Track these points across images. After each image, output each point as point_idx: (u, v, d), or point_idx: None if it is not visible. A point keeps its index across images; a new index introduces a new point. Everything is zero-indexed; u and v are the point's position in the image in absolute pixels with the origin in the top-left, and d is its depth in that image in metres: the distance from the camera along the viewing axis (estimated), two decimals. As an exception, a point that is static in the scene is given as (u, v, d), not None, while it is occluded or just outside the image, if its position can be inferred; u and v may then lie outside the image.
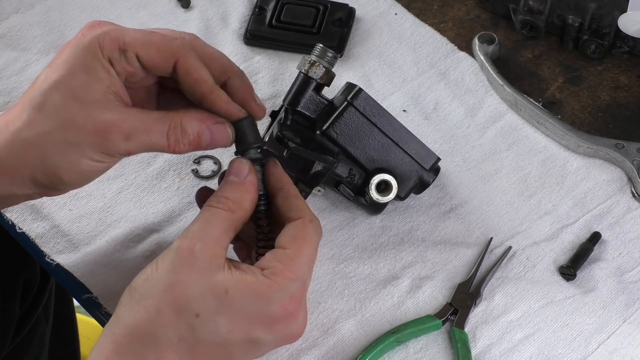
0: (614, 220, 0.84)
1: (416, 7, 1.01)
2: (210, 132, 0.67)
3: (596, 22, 0.94)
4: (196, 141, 0.66)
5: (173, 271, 0.63)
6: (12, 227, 0.83)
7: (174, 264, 0.63)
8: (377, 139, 0.78)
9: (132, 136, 0.64)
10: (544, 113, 0.90)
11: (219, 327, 0.63)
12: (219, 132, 0.67)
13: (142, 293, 0.63)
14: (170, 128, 0.65)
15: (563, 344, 0.76)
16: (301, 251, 0.66)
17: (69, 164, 0.64)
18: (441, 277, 0.80)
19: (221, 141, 0.67)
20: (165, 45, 0.66)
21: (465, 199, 0.86)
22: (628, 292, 0.79)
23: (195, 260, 0.63)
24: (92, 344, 0.64)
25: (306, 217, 0.67)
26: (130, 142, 0.64)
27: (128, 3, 1.01)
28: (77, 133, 0.63)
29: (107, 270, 0.80)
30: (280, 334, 0.66)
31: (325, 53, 0.77)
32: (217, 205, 0.65)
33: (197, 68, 0.66)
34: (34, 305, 1.07)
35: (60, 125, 0.63)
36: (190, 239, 0.63)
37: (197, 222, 0.65)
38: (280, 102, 0.80)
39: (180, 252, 0.63)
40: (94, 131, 0.63)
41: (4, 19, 1.00)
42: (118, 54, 0.65)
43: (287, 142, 0.75)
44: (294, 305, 0.66)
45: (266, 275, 0.64)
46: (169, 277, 0.63)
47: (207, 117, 0.67)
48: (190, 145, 0.66)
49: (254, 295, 0.63)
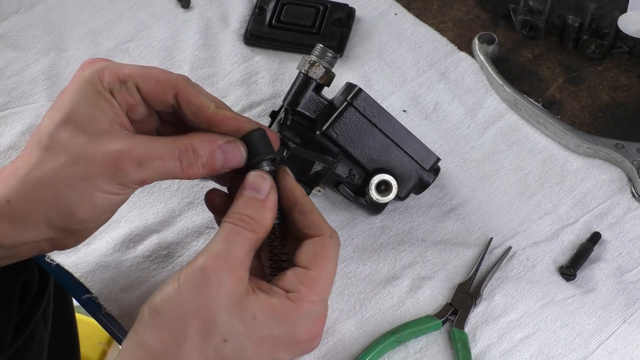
0: (614, 220, 0.84)
1: (416, 7, 1.01)
2: (223, 152, 0.66)
3: (596, 22, 0.94)
4: (210, 163, 0.65)
5: (200, 294, 0.61)
6: (12, 227, 0.83)
7: (200, 286, 0.61)
8: (377, 139, 0.78)
9: (144, 163, 0.63)
10: (544, 113, 0.90)
11: (245, 352, 0.62)
12: (231, 151, 0.66)
13: (167, 315, 0.61)
14: (181, 152, 0.65)
15: (563, 344, 0.76)
16: (323, 271, 0.66)
17: (82, 198, 0.63)
18: (441, 277, 0.80)
19: (234, 160, 0.66)
20: (164, 76, 0.66)
21: (465, 199, 0.86)
22: (628, 292, 0.79)
23: (222, 282, 0.61)
24: (92, 344, 0.64)
25: (326, 234, 0.67)
26: (142, 169, 0.63)
27: (128, 3, 1.01)
28: (88, 166, 0.62)
29: (107, 270, 0.80)
30: (302, 351, 0.66)
31: (325, 53, 0.77)
32: (241, 224, 0.64)
33: (197, 94, 0.66)
34: (32, 309, 1.06)
35: (70, 161, 0.62)
36: (215, 259, 0.62)
37: (220, 241, 0.63)
38: (280, 102, 0.80)
39: (207, 273, 0.61)
40: (104, 162, 0.63)
41: (4, 19, 1.00)
42: (118, 85, 0.65)
43: (287, 142, 0.75)
44: (318, 327, 0.66)
45: (292, 300, 0.64)
46: (195, 300, 0.61)
47: (217, 137, 0.66)
48: (204, 168, 0.65)
49: (282, 321, 0.63)
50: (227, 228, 0.64)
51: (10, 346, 1.02)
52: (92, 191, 0.63)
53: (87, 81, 0.65)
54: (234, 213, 0.65)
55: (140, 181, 0.64)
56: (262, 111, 0.92)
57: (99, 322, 0.80)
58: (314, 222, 0.67)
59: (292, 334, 0.64)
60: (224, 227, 0.64)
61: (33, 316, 1.07)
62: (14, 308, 1.01)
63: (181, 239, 0.83)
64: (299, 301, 0.64)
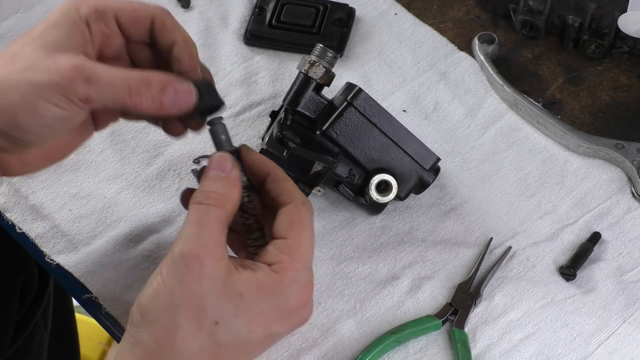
0: (614, 220, 0.84)
1: (416, 7, 1.01)
2: (174, 91, 0.65)
3: (596, 22, 0.94)
4: (159, 97, 0.65)
5: (184, 283, 0.61)
6: (12, 228, 0.83)
7: (182, 275, 0.61)
8: (377, 139, 0.78)
9: (92, 80, 0.63)
10: (544, 113, 0.90)
11: (239, 330, 0.63)
12: (183, 92, 0.66)
13: (156, 311, 0.61)
14: (133, 79, 0.64)
15: (563, 344, 0.76)
16: (302, 237, 0.66)
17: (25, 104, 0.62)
18: (441, 277, 0.80)
19: (184, 102, 0.66)
20: (142, 6, 0.68)
21: (465, 199, 0.86)
22: (628, 292, 0.79)
23: (203, 267, 0.61)
24: (92, 344, 0.64)
25: (298, 200, 0.67)
26: (89, 86, 0.62)
27: (128, 3, 1.01)
28: (37, 73, 0.62)
29: (107, 270, 0.80)
30: (295, 321, 0.66)
31: (325, 53, 0.77)
32: (207, 201, 0.64)
33: (172, 20, 0.69)
34: (32, 309, 1.07)
35: (22, 68, 0.63)
36: (192, 245, 0.62)
37: (191, 224, 0.63)
38: (280, 102, 0.80)
39: (186, 261, 0.61)
40: (53, 71, 0.62)
41: (4, 19, 1.00)
42: (94, 15, 0.66)
43: (287, 142, 0.75)
44: (307, 294, 0.66)
45: (276, 271, 0.64)
46: (180, 290, 0.61)
47: (173, 77, 0.66)
48: (152, 101, 0.65)
49: (269, 294, 0.63)
50: (195, 210, 0.64)
51: (10, 346, 1.02)
52: (36, 99, 0.62)
53: (63, 12, 0.66)
54: (200, 192, 0.65)
55: (85, 97, 0.62)
56: (262, 111, 0.92)
57: (99, 322, 0.80)
58: (287, 189, 0.67)
59: (282, 304, 0.64)
60: (191, 209, 0.64)
61: (33, 316, 1.07)
62: (14, 308, 1.01)
63: (181, 239, 0.83)
64: (283, 271, 0.64)
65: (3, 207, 0.84)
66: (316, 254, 0.81)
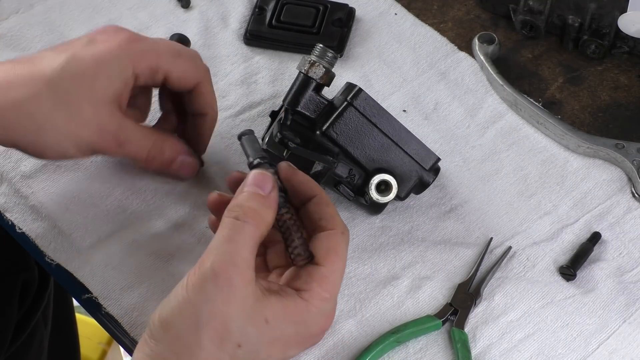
0: (614, 220, 0.84)
1: (416, 7, 1.01)
2: (181, 163, 0.79)
3: (596, 22, 0.94)
4: (167, 165, 0.78)
5: (212, 302, 0.60)
6: (12, 227, 0.83)
7: (211, 295, 0.60)
8: (377, 139, 0.78)
9: (123, 146, 0.74)
10: (544, 113, 0.90)
11: (259, 353, 0.63)
12: (188, 165, 0.80)
13: (179, 327, 0.61)
14: (153, 146, 0.76)
15: (563, 344, 0.76)
16: (335, 267, 0.66)
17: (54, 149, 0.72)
18: (441, 277, 0.80)
19: (187, 172, 0.80)
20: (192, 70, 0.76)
21: (465, 199, 0.86)
22: (628, 292, 0.79)
23: (233, 289, 0.61)
24: (92, 344, 0.64)
25: (338, 229, 0.67)
26: (119, 149, 0.74)
27: (128, 3, 1.01)
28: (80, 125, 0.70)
29: (107, 270, 0.80)
30: (309, 344, 0.68)
31: (325, 53, 0.77)
32: (244, 218, 0.63)
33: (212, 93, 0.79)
34: (32, 309, 1.07)
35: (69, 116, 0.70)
36: (224, 264, 0.61)
37: (225, 241, 0.62)
38: (280, 102, 0.80)
39: (217, 280, 0.60)
40: (96, 130, 0.72)
41: (4, 19, 1.00)
42: (147, 71, 0.74)
43: (287, 142, 0.75)
44: (329, 323, 0.67)
45: (304, 298, 0.64)
46: (208, 309, 0.60)
47: (185, 148, 0.79)
48: (161, 166, 0.78)
49: (294, 321, 0.64)
50: (231, 225, 0.63)
51: (10, 346, 1.02)
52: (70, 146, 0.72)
53: (120, 65, 0.72)
54: (236, 206, 0.64)
55: (111, 155, 0.78)
56: (262, 111, 0.92)
57: (99, 322, 0.80)
58: (330, 215, 0.67)
59: (304, 332, 0.65)
60: (226, 224, 0.63)
61: (33, 316, 1.07)
62: (14, 308, 1.01)
63: (181, 239, 0.82)
64: (310, 299, 0.64)
65: (3, 207, 0.84)
66: (316, 254, 0.81)
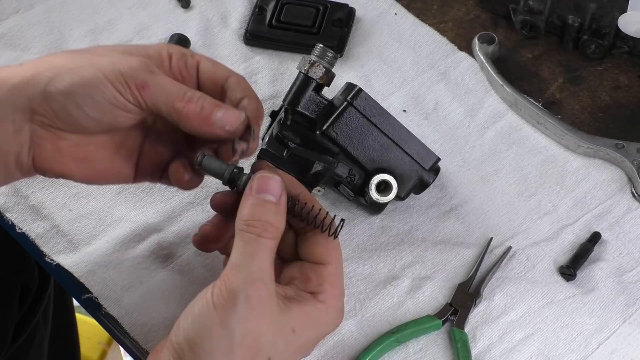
0: (614, 220, 0.84)
1: (416, 7, 1.01)
2: (225, 110, 0.67)
3: (596, 22, 0.94)
4: (210, 108, 0.66)
5: (245, 323, 0.61)
6: (12, 227, 0.83)
7: (243, 315, 0.61)
8: (377, 139, 0.78)
9: (154, 74, 0.66)
10: (544, 113, 0.90)
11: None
12: (233, 112, 0.67)
13: (211, 349, 0.60)
14: (191, 91, 0.67)
15: (563, 344, 0.76)
16: (338, 263, 0.68)
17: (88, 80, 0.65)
18: (441, 277, 0.80)
19: (232, 118, 0.67)
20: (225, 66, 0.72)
21: (465, 199, 0.86)
22: (628, 292, 0.79)
23: (263, 306, 0.62)
24: (92, 344, 0.64)
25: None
26: (150, 75, 0.65)
27: (128, 3, 1.01)
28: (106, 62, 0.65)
29: (107, 270, 0.80)
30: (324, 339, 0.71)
31: (325, 53, 0.77)
32: (265, 234, 0.63)
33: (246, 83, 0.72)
34: (32, 309, 1.07)
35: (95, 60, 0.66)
36: (254, 284, 0.61)
37: (249, 257, 0.62)
38: (280, 102, 0.80)
39: (249, 301, 0.61)
40: (123, 63, 0.65)
41: (4, 19, 1.00)
42: (180, 54, 0.70)
43: (287, 142, 0.75)
44: (342, 317, 0.68)
45: (321, 301, 0.66)
46: (240, 330, 0.61)
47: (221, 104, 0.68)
48: (201, 110, 0.66)
49: (317, 325, 0.66)
50: (252, 241, 0.63)
51: (10, 346, 1.02)
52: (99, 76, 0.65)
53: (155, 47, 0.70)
54: (256, 221, 0.64)
55: (142, 83, 0.65)
56: (262, 111, 0.92)
57: (99, 322, 0.80)
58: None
59: (325, 331, 0.67)
60: (247, 239, 0.63)
61: (33, 316, 1.07)
62: (14, 308, 1.01)
63: (181, 239, 0.83)
64: (327, 301, 0.66)
65: (3, 207, 0.84)
66: (316, 254, 0.81)
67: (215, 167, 0.67)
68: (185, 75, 0.71)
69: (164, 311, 0.78)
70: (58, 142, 0.67)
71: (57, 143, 0.67)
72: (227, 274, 0.62)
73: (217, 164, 0.68)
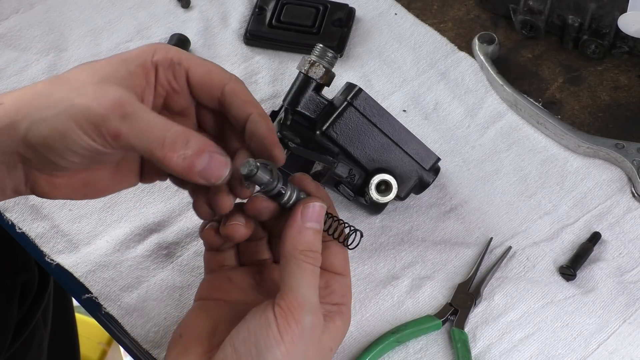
0: (614, 220, 0.84)
1: (416, 7, 1.01)
2: (210, 158, 0.60)
3: (596, 22, 0.94)
4: (191, 160, 0.60)
5: (305, 352, 0.63)
6: (12, 227, 0.83)
7: (307, 344, 0.63)
8: (377, 139, 0.78)
9: (129, 119, 0.58)
10: (544, 113, 0.90)
11: None
12: (219, 163, 0.61)
13: None
14: (172, 131, 0.59)
15: (563, 344, 0.76)
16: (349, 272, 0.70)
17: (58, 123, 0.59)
18: (441, 277, 0.80)
19: (216, 171, 0.61)
20: (217, 69, 0.66)
21: (465, 199, 0.86)
22: (628, 292, 0.79)
23: (319, 334, 0.64)
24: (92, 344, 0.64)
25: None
26: (124, 122, 0.58)
27: (128, 3, 1.01)
28: (80, 96, 0.59)
29: (107, 270, 0.80)
30: None
31: (325, 53, 0.77)
32: (317, 263, 0.65)
33: (245, 91, 0.66)
34: (32, 309, 1.06)
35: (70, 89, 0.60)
36: (317, 316, 0.63)
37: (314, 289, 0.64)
38: (280, 102, 0.80)
39: (313, 331, 0.63)
40: (96, 98, 0.59)
41: (4, 19, 1.00)
42: (167, 63, 0.64)
43: (287, 142, 0.75)
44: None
45: (344, 313, 0.67)
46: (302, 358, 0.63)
47: (214, 145, 0.61)
48: (183, 160, 0.60)
49: (341, 337, 0.68)
50: (311, 272, 0.64)
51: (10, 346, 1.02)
52: (68, 121, 0.59)
53: (138, 51, 0.65)
54: (311, 251, 0.65)
55: (115, 133, 0.58)
56: (262, 111, 0.92)
57: (99, 322, 0.80)
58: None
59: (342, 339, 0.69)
60: (306, 269, 0.64)
61: (33, 316, 1.07)
62: (14, 307, 1.01)
63: (181, 239, 0.83)
64: (347, 312, 0.68)
65: (3, 207, 0.84)
66: (316, 254, 0.81)
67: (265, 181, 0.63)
68: (175, 87, 0.66)
69: (163, 311, 0.78)
70: (52, 180, 0.65)
71: (51, 180, 0.65)
72: (294, 306, 0.63)
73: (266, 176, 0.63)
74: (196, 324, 0.68)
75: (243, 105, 0.65)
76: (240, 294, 0.70)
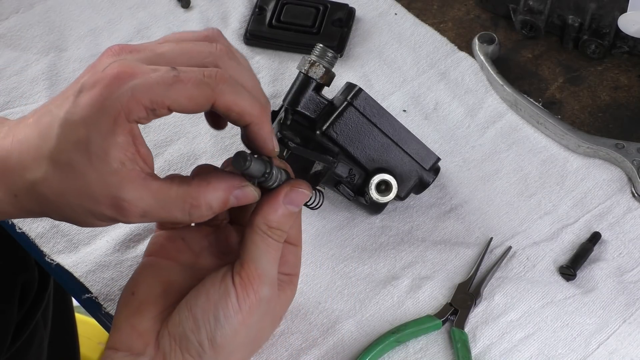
0: (614, 220, 0.84)
1: (416, 7, 1.01)
2: (236, 198, 0.63)
3: (596, 22, 0.94)
4: (221, 209, 0.63)
5: (260, 322, 0.66)
6: (12, 227, 0.83)
7: (265, 318, 0.66)
8: (377, 139, 0.78)
9: (149, 214, 0.60)
10: (544, 113, 0.90)
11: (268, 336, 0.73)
12: (244, 196, 0.63)
13: (232, 348, 0.64)
14: (192, 207, 0.61)
15: (563, 344, 0.76)
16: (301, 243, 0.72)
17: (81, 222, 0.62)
18: (441, 277, 0.80)
19: (246, 201, 0.64)
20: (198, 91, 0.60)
21: (465, 199, 0.86)
22: (628, 292, 0.79)
23: (275, 306, 0.68)
24: (92, 344, 0.64)
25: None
26: (146, 218, 0.61)
27: (128, 3, 1.01)
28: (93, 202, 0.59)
29: (107, 270, 0.80)
30: None
31: (325, 53, 0.77)
32: (282, 241, 0.66)
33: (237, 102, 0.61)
34: (32, 309, 1.07)
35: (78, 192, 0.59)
36: (274, 289, 0.66)
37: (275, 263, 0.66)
38: (280, 102, 0.80)
39: (269, 304, 0.66)
40: (110, 205, 0.59)
41: (4, 19, 1.00)
42: (145, 114, 0.59)
43: (287, 142, 0.75)
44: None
45: (294, 283, 0.70)
46: (257, 327, 0.66)
47: (231, 183, 0.62)
48: (214, 214, 0.63)
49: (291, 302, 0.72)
50: (275, 247, 0.66)
51: (10, 346, 1.02)
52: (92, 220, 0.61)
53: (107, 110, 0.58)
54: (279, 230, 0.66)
55: (142, 221, 0.63)
56: (262, 111, 0.92)
57: (99, 322, 0.80)
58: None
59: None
60: (270, 244, 0.65)
61: (33, 316, 1.07)
62: (14, 307, 1.01)
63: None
64: (296, 280, 0.71)
65: (3, 207, 0.84)
66: (316, 254, 0.81)
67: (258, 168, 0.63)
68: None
69: (164, 311, 0.78)
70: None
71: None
72: (254, 277, 0.64)
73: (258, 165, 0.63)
74: (149, 282, 0.68)
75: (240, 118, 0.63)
76: (192, 255, 0.71)
